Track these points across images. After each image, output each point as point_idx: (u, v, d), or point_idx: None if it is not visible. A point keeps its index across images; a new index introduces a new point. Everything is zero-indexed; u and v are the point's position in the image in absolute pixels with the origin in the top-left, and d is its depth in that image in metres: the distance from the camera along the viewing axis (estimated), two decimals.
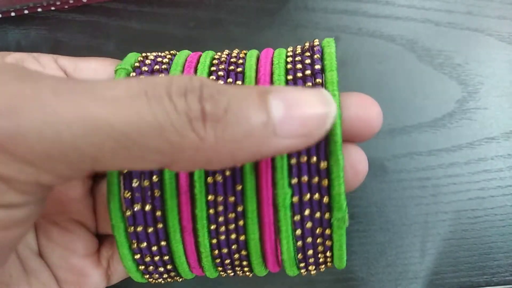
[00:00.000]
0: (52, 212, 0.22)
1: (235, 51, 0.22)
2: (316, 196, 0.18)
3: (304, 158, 0.18)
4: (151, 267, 0.21)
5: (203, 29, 0.34)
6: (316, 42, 0.21)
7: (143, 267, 0.21)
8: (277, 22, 0.34)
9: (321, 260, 0.20)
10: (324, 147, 0.18)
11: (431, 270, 0.31)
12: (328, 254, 0.20)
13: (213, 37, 0.33)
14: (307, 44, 0.21)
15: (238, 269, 0.21)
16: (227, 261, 0.20)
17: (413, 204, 0.32)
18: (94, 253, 0.23)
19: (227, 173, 0.18)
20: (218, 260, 0.20)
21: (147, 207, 0.19)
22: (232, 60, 0.21)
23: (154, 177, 0.19)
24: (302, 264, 0.20)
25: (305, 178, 0.18)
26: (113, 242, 0.23)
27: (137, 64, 0.21)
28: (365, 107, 0.19)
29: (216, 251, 0.20)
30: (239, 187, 0.18)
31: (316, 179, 0.18)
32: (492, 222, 0.31)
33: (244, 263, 0.21)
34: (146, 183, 0.19)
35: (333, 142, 0.17)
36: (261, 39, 0.34)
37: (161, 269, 0.21)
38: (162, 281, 0.22)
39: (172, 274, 0.21)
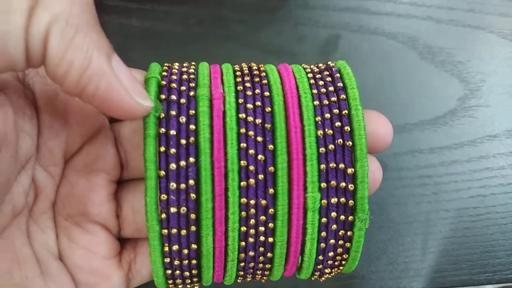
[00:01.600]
0: (75, 213, 0.22)
1: (252, 64, 0.23)
2: (342, 199, 0.20)
3: (333, 165, 0.20)
4: (177, 272, 0.21)
5: (204, 26, 0.34)
6: (331, 63, 0.23)
7: (169, 271, 0.21)
8: (278, 19, 0.34)
9: (336, 263, 0.22)
10: (350, 155, 0.20)
11: (432, 268, 0.31)
12: (344, 256, 0.21)
13: (213, 34, 0.33)
14: (321, 65, 0.23)
15: (259, 273, 0.22)
16: (251, 264, 0.21)
17: (414, 202, 0.32)
18: (115, 256, 0.23)
19: (260, 177, 0.19)
20: (242, 264, 0.21)
21: (182, 210, 0.19)
22: (254, 72, 0.22)
23: (191, 181, 0.19)
24: (319, 266, 0.22)
25: (333, 183, 0.20)
26: (135, 246, 0.24)
27: (164, 73, 0.21)
28: (383, 125, 0.22)
29: (243, 254, 0.21)
30: (271, 191, 0.19)
31: (343, 184, 0.20)
32: (493, 220, 0.31)
33: (267, 266, 0.21)
34: (182, 186, 0.19)
35: (360, 150, 0.20)
36: (262, 36, 0.34)
37: (187, 273, 0.21)
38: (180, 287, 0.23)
39: (195, 279, 0.22)
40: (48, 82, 0.20)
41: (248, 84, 0.21)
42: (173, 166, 0.19)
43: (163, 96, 0.20)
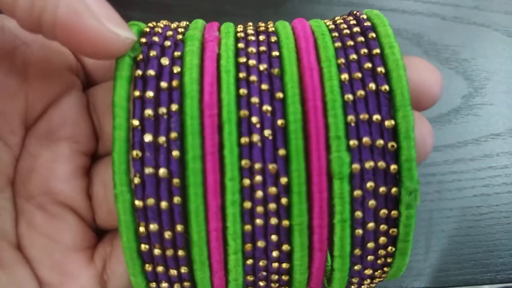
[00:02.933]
0: (37, 192, 0.18)
1: (261, 23, 0.18)
2: (381, 163, 0.14)
3: (364, 115, 0.14)
4: (160, 268, 0.16)
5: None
6: (355, 11, 0.18)
7: (149, 266, 0.16)
8: (282, 14, 0.33)
9: (379, 261, 0.16)
10: (388, 103, 0.15)
11: (435, 267, 0.31)
12: (389, 249, 0.16)
13: None
14: (343, 16, 0.18)
15: (274, 278, 0.16)
16: (262, 263, 0.16)
17: None
18: (86, 249, 0.18)
19: (266, 132, 0.14)
20: (250, 262, 0.16)
21: (162, 172, 0.14)
22: (260, 24, 0.18)
23: (173, 133, 0.14)
24: (356, 267, 0.16)
25: (367, 140, 0.14)
26: (114, 238, 0.19)
27: (150, 24, 0.17)
28: (428, 71, 0.17)
29: (250, 245, 0.15)
30: (282, 152, 0.14)
31: (380, 142, 0.14)
32: (497, 219, 0.31)
33: (284, 266, 0.16)
34: (161, 139, 0.14)
35: (400, 96, 0.14)
36: None
37: (173, 271, 0.16)
38: None
39: (186, 285, 0.16)
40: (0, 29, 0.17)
41: (251, 31, 0.17)
42: (149, 113, 0.14)
43: (143, 40, 0.16)
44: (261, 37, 0.16)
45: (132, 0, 0.32)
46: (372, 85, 0.14)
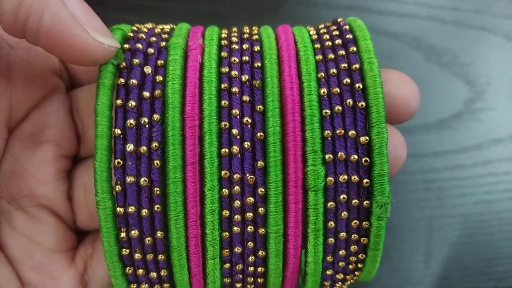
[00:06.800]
0: (18, 195, 0.18)
1: (245, 29, 0.18)
2: (355, 177, 0.15)
3: (340, 131, 0.15)
4: (140, 270, 0.16)
5: (203, 23, 0.33)
6: (339, 19, 0.18)
7: (130, 269, 0.16)
8: (279, 17, 0.33)
9: (350, 266, 0.17)
10: (364, 119, 0.15)
11: (435, 275, 0.30)
12: (360, 256, 0.16)
13: None
14: (327, 23, 0.19)
15: (250, 281, 0.17)
16: (239, 267, 0.16)
17: (417, 207, 0.31)
18: (67, 250, 0.18)
19: (246, 144, 0.15)
20: (227, 266, 0.16)
21: (143, 181, 0.14)
22: (244, 30, 0.18)
23: (154, 143, 0.15)
24: (328, 272, 0.17)
25: (342, 154, 0.15)
26: (95, 240, 0.19)
27: (134, 28, 0.17)
28: (405, 86, 0.17)
29: (227, 251, 0.16)
30: (260, 163, 0.15)
31: (354, 157, 0.15)
32: (498, 226, 0.31)
33: (260, 269, 0.17)
34: (143, 149, 0.14)
35: (376, 113, 0.15)
36: None
37: (154, 274, 0.16)
38: None
39: (166, 286, 0.17)
40: None
41: (234, 39, 0.17)
42: (131, 123, 0.14)
43: (127, 46, 0.16)
44: (245, 46, 0.16)
45: (128, 4, 0.32)
46: (350, 101, 0.15)
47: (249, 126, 0.15)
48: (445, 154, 0.31)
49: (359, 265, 0.17)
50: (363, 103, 0.15)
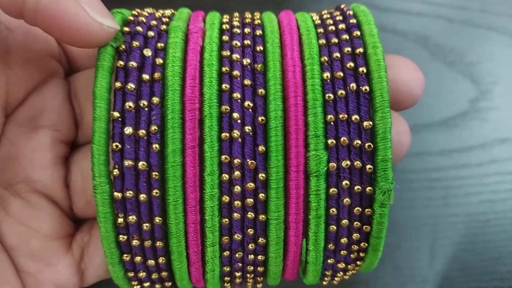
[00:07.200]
0: (15, 180, 0.17)
1: (247, 14, 0.18)
2: (357, 163, 0.15)
3: (343, 116, 0.15)
4: (138, 258, 0.16)
5: None
6: (342, 5, 0.18)
7: (127, 256, 0.16)
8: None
9: (352, 255, 0.16)
10: (367, 104, 0.15)
11: (439, 274, 0.30)
12: (362, 245, 0.16)
13: None
14: (330, 10, 0.18)
15: (250, 269, 0.17)
16: (238, 255, 0.16)
17: (422, 205, 0.31)
18: (64, 237, 0.18)
19: (247, 129, 0.15)
20: (226, 253, 0.16)
21: (141, 165, 0.14)
22: (246, 15, 0.18)
23: (153, 127, 0.14)
24: (329, 260, 0.16)
25: (344, 139, 0.15)
26: (92, 227, 0.19)
27: (134, 12, 0.17)
28: (410, 71, 0.17)
29: (227, 238, 0.15)
30: (261, 148, 0.15)
31: (358, 142, 0.15)
32: (503, 226, 0.30)
33: (260, 258, 0.16)
34: (142, 132, 0.14)
35: (380, 97, 0.15)
36: None
37: (152, 262, 0.16)
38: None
39: (163, 274, 0.17)
40: None
41: (236, 23, 0.17)
42: (130, 105, 0.14)
43: (127, 29, 0.16)
44: (246, 30, 0.16)
45: None
46: (353, 85, 0.15)
47: (250, 110, 0.15)
48: (450, 153, 0.31)
49: (361, 254, 0.17)
50: (367, 88, 0.15)
